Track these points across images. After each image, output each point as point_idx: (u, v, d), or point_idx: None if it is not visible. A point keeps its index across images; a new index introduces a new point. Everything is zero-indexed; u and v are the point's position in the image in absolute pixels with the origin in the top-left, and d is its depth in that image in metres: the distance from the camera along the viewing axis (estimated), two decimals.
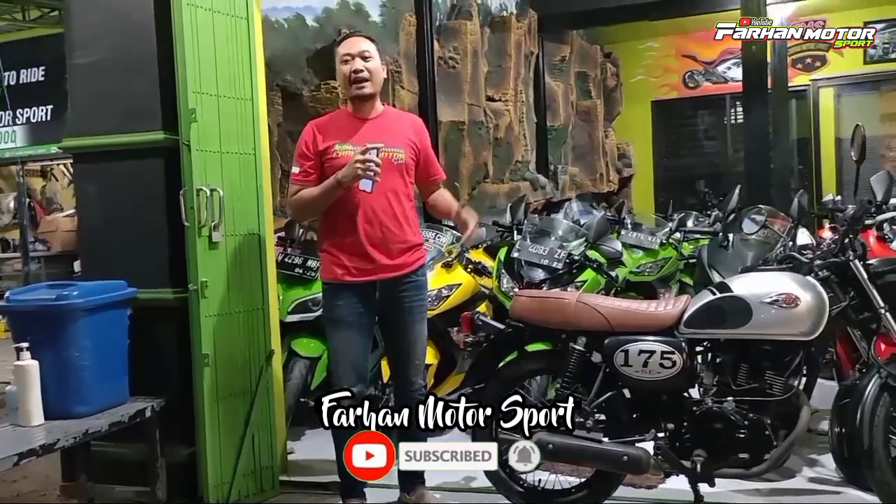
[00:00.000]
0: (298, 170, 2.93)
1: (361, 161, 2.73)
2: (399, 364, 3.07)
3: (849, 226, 2.72)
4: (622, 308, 2.86)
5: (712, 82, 10.86)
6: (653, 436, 2.77)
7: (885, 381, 2.61)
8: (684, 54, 10.97)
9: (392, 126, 2.99)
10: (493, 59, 7.37)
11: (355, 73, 2.88)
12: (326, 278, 2.99)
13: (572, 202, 8.20)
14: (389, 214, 2.91)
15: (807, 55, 10.23)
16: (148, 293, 3.16)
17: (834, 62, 10.15)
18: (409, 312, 3.00)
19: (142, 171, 3.23)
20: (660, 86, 11.13)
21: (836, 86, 10.24)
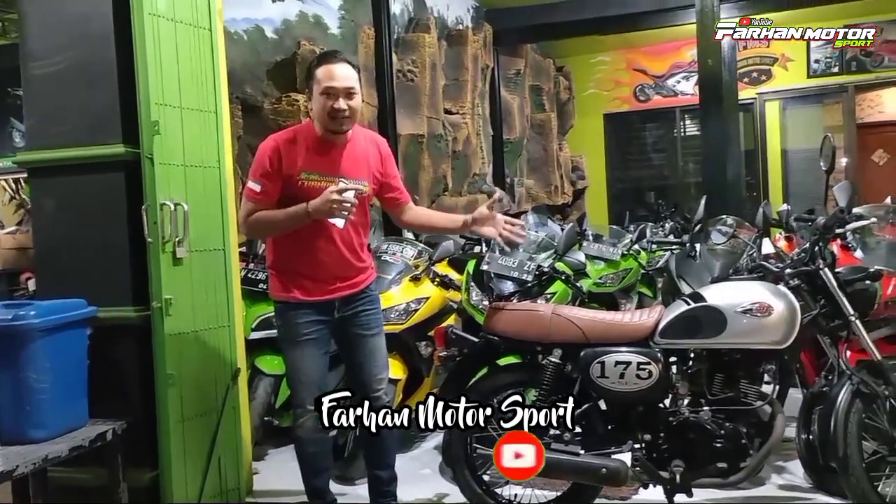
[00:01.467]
0: (259, 188, 2.77)
1: (338, 202, 2.62)
2: (361, 380, 2.98)
3: (820, 235, 2.77)
4: (598, 319, 2.86)
5: (662, 95, 11.06)
6: (630, 447, 2.77)
7: (856, 387, 2.66)
8: (635, 68, 11.16)
9: (360, 155, 2.89)
10: (450, 73, 7.39)
11: (337, 112, 2.73)
12: (279, 297, 2.88)
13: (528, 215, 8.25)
14: (349, 245, 2.86)
15: (753, 69, 10.50)
16: (109, 311, 3.04)
17: (779, 76, 10.44)
18: (366, 327, 2.94)
19: (102, 185, 3.11)
20: (611, 99, 11.30)
21: (781, 99, 10.52)
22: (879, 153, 11.00)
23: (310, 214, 2.69)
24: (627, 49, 10.95)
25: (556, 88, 10.47)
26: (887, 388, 2.62)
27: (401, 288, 3.79)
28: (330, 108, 2.73)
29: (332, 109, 2.73)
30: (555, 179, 9.84)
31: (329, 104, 2.73)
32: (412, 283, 3.84)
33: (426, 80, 6.58)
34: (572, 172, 10.69)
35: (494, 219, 2.83)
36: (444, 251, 3.94)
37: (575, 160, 10.86)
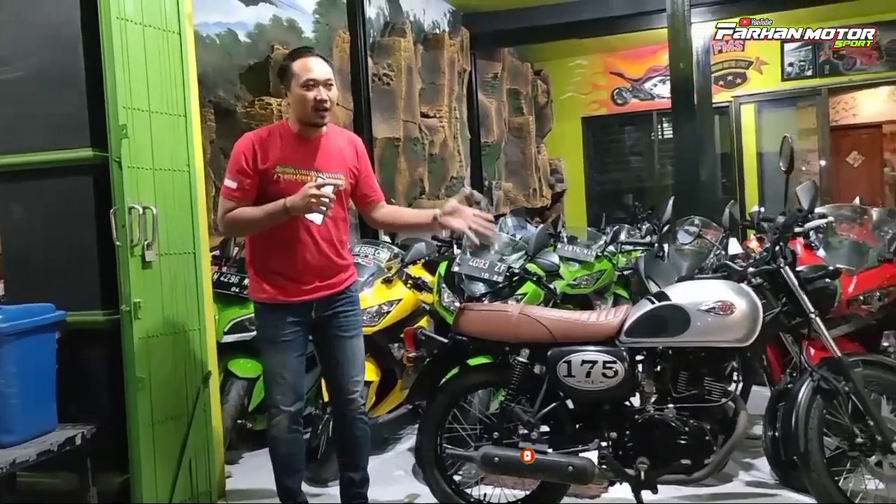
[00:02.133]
0: (236, 185, 2.78)
1: (316, 196, 2.64)
2: (337, 382, 3.00)
3: (779, 234, 2.82)
4: (564, 319, 2.89)
5: (639, 99, 11.14)
6: (596, 445, 2.80)
7: (817, 384, 2.70)
8: (612, 72, 11.23)
9: (334, 149, 2.92)
10: (426, 76, 7.42)
11: (321, 102, 2.77)
12: (259, 297, 2.89)
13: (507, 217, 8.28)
14: (329, 242, 2.87)
15: (728, 72, 10.60)
16: (78, 316, 3.04)
17: (754, 79, 10.54)
18: (345, 328, 2.95)
19: (70, 189, 3.10)
20: (589, 102, 11.36)
21: (756, 102, 10.62)
22: (854, 155, 11.15)
23: (288, 210, 2.70)
24: (605, 53, 11.02)
25: (534, 92, 10.53)
26: (847, 384, 2.67)
27: (373, 290, 3.80)
28: (313, 100, 2.76)
29: (315, 101, 2.76)
30: (533, 182, 9.89)
31: (311, 95, 2.76)
32: (384, 286, 3.85)
33: (402, 83, 6.61)
34: (551, 175, 10.75)
35: (464, 212, 2.85)
36: (416, 253, 3.96)
37: (553, 163, 10.91)
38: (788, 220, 2.80)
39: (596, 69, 11.28)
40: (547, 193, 10.41)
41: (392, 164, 6.48)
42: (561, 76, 11.28)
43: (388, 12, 6.99)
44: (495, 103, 9.13)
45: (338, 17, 5.93)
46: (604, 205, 10.76)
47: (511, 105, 9.82)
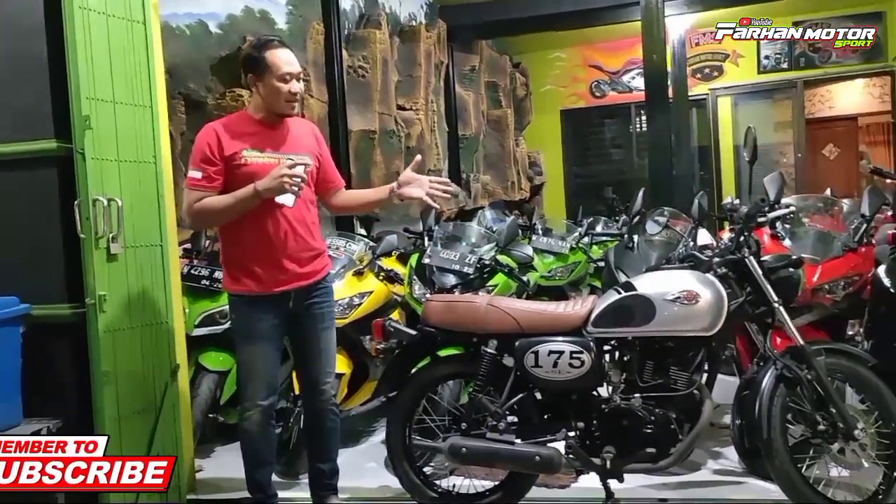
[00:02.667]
0: (201, 175, 2.76)
1: (289, 175, 2.65)
2: (309, 373, 3.01)
3: (743, 224, 2.84)
4: (532, 310, 2.90)
5: (618, 92, 11.16)
6: (564, 435, 2.81)
7: (780, 372, 2.72)
8: (591, 64, 11.24)
9: (297, 134, 2.94)
10: (403, 69, 7.39)
11: (294, 94, 2.81)
12: (235, 290, 2.88)
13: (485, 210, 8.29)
14: (301, 222, 2.86)
15: (705, 65, 10.64)
16: (43, 309, 3.01)
17: (730, 72, 10.59)
18: (320, 320, 2.96)
19: (34, 181, 3.07)
20: (568, 95, 11.37)
21: (733, 95, 10.67)
22: (830, 147, 11.25)
23: (259, 193, 2.70)
24: (583, 45, 11.03)
25: (512, 85, 10.51)
26: (810, 372, 2.69)
27: (344, 282, 3.79)
28: (287, 93, 2.79)
29: (289, 94, 2.80)
30: (512, 175, 9.89)
31: (286, 88, 2.79)
32: (355, 278, 3.84)
33: (377, 76, 6.58)
34: (529, 168, 10.75)
35: (420, 180, 2.86)
36: (387, 245, 3.95)
37: (532, 156, 10.91)
38: (752, 210, 2.82)
39: (575, 62, 11.29)
40: (525, 186, 10.41)
41: (368, 157, 6.45)
42: (540, 69, 11.27)
43: (363, 4, 6.95)
44: (473, 96, 9.12)
45: (311, 8, 5.89)
46: (583, 197, 10.77)
47: (489, 98, 9.80)
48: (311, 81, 5.72)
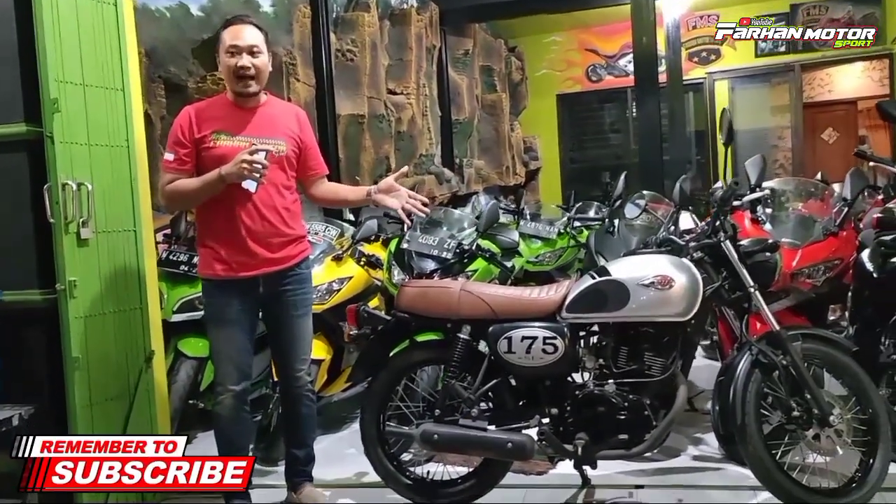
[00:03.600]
0: (173, 157, 2.78)
1: (248, 162, 2.63)
2: (284, 360, 2.99)
3: (718, 208, 2.79)
4: (505, 295, 2.86)
5: (614, 76, 11.09)
6: (538, 421, 2.78)
7: (755, 358, 2.68)
8: (587, 48, 11.16)
9: (274, 117, 2.90)
10: (393, 53, 7.32)
11: (242, 69, 2.76)
12: (205, 274, 2.87)
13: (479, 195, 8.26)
14: (270, 207, 2.82)
15: (702, 49, 10.56)
16: (13, 295, 2.99)
17: (728, 55, 10.50)
18: (293, 307, 2.93)
19: (4, 165, 3.03)
20: (564, 79, 11.30)
21: (730, 78, 10.59)
22: (829, 132, 11.17)
23: (223, 178, 2.68)
24: (579, 29, 10.95)
25: (507, 69, 10.44)
26: (785, 357, 2.65)
27: (323, 268, 3.75)
28: (234, 66, 2.76)
29: (236, 67, 2.76)
30: (506, 160, 9.84)
31: (233, 62, 2.76)
32: (334, 263, 3.81)
33: (366, 59, 6.52)
34: (525, 153, 10.70)
35: (399, 192, 2.85)
36: (366, 230, 3.91)
37: (528, 141, 10.86)
38: (726, 193, 2.77)
39: (570, 46, 11.21)
40: (520, 171, 10.37)
41: (357, 142, 6.41)
42: (535, 53, 11.20)
43: None
44: (467, 80, 9.05)
45: None
46: (579, 182, 10.71)
47: (484, 82, 9.74)
48: (297, 65, 5.67)
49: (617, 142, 11.35)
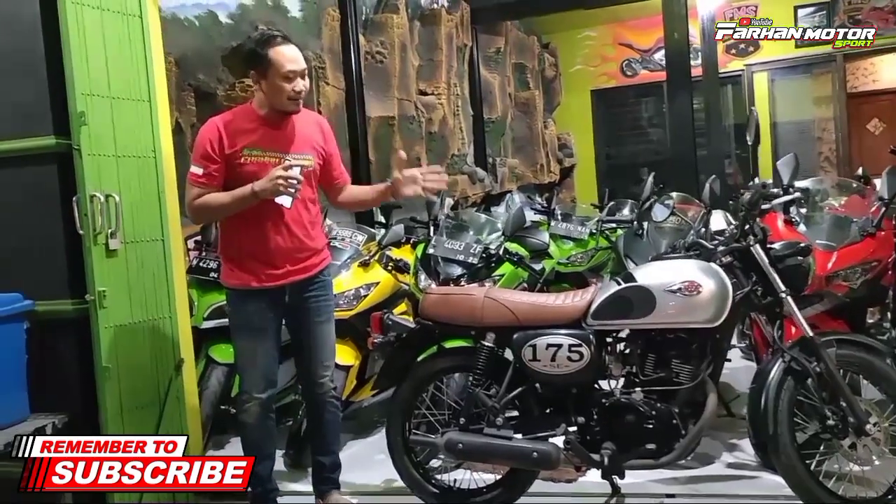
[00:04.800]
0: (202, 171, 2.78)
1: (284, 178, 2.63)
2: (307, 366, 3.00)
3: (746, 211, 2.71)
4: (529, 302, 2.83)
5: (650, 70, 10.92)
6: (564, 430, 2.74)
7: (788, 364, 2.61)
8: (621, 43, 11.02)
9: (301, 131, 2.90)
10: (423, 53, 7.31)
11: (300, 93, 2.78)
12: (232, 284, 2.89)
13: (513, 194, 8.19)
14: (299, 223, 2.85)
15: (740, 41, 10.33)
16: (46, 305, 3.03)
17: (767, 47, 10.26)
18: (316, 313, 2.94)
19: (35, 178, 3.09)
20: (598, 75, 11.16)
21: (769, 70, 10.36)
22: (875, 122, 10.85)
23: (256, 194, 2.69)
24: (613, 23, 10.81)
25: (541, 66, 10.36)
26: (819, 364, 2.57)
27: (350, 273, 3.76)
28: (291, 91, 2.76)
29: (293, 93, 2.77)
30: (540, 158, 9.76)
31: (289, 87, 2.75)
32: (361, 269, 3.80)
33: (396, 61, 6.51)
34: (560, 150, 10.60)
35: (412, 177, 2.86)
36: (393, 235, 3.90)
37: (563, 138, 10.76)
38: (753, 196, 2.69)
39: (604, 41, 11.07)
40: (555, 169, 10.28)
41: (387, 144, 6.40)
42: (569, 49, 11.09)
43: None
44: (499, 78, 8.99)
45: None
46: (615, 179, 10.58)
47: (517, 80, 9.67)
48: (326, 69, 5.68)
49: (654, 137, 11.18)
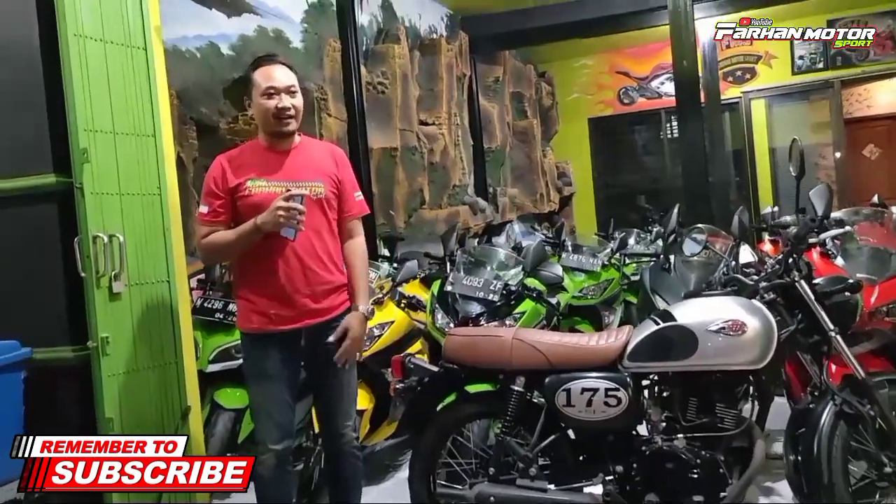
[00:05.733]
0: (207, 209, 2.65)
1: (284, 209, 2.49)
2: (328, 416, 2.82)
3: (793, 246, 2.58)
4: (562, 344, 2.68)
5: (647, 98, 10.90)
6: (601, 480, 2.58)
7: (839, 408, 2.47)
8: (618, 71, 11.00)
9: (310, 158, 2.75)
10: (424, 83, 7.21)
11: (283, 110, 2.63)
12: (246, 328, 2.71)
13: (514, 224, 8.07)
14: (312, 254, 2.67)
15: (737, 68, 10.35)
16: (45, 352, 2.87)
17: (764, 74, 10.28)
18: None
19: (34, 218, 2.94)
20: (595, 103, 11.13)
21: (766, 97, 10.36)
22: (870, 148, 10.85)
23: (259, 228, 2.54)
24: (610, 52, 10.79)
25: (538, 94, 10.30)
26: (872, 407, 2.43)
27: None
28: (274, 109, 2.63)
29: (276, 109, 2.63)
30: (540, 187, 9.66)
31: (272, 104, 2.63)
32: (375, 307, 3.64)
33: (397, 91, 6.41)
34: (558, 179, 10.51)
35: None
36: (407, 272, 3.72)
37: (561, 166, 10.68)
38: (801, 230, 2.56)
39: (601, 69, 11.05)
40: (555, 198, 10.17)
41: (390, 175, 6.28)
42: (566, 77, 11.05)
43: (381, 19, 6.79)
44: (498, 107, 8.91)
45: (327, 25, 5.74)
46: (614, 207, 10.51)
47: (514, 109, 9.60)
48: (328, 100, 5.56)
49: (652, 164, 11.14)
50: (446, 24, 8.06)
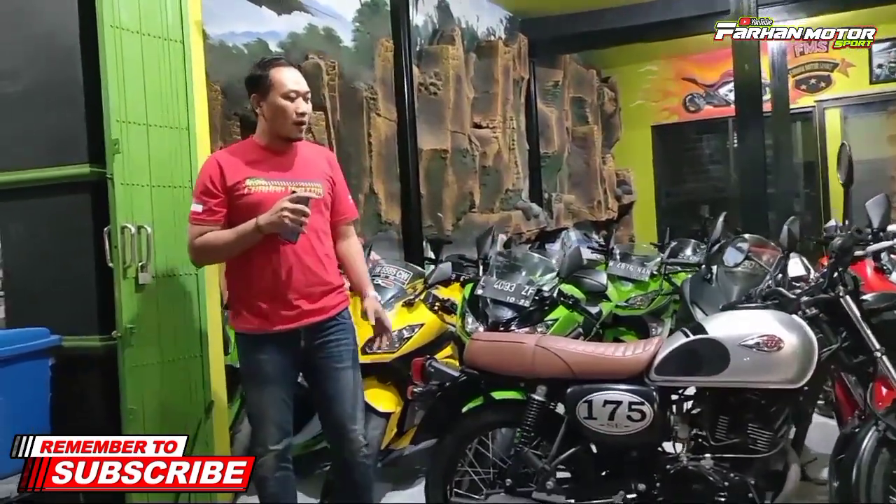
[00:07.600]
0: (202, 208, 2.56)
1: (291, 210, 2.43)
2: (331, 419, 2.71)
3: (837, 258, 2.41)
4: (586, 353, 2.56)
5: (714, 105, 10.57)
6: (622, 497, 2.46)
7: (883, 434, 2.29)
8: (684, 77, 10.70)
9: (308, 159, 2.71)
10: (479, 85, 7.13)
11: (301, 114, 2.60)
12: (242, 328, 2.65)
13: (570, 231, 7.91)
14: (311, 255, 2.62)
15: (811, 76, 9.94)
16: (74, 341, 2.91)
17: (839, 82, 9.86)
18: (337, 359, 2.67)
19: (68, 207, 2.99)
20: (660, 110, 10.85)
21: (842, 106, 9.92)
22: None
23: (260, 229, 2.48)
24: (676, 57, 10.51)
25: (600, 100, 10.10)
26: None
27: (394, 313, 3.51)
28: (294, 113, 2.58)
29: (295, 114, 2.59)
30: (598, 194, 9.45)
31: (293, 107, 2.58)
32: (405, 309, 3.57)
33: (450, 93, 6.35)
34: (618, 187, 10.28)
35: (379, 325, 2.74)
36: (440, 274, 3.64)
37: (621, 174, 10.44)
38: (846, 242, 2.38)
39: (667, 75, 10.77)
40: (613, 206, 9.94)
41: (439, 178, 6.22)
42: (630, 83, 10.81)
43: (437, 19, 6.74)
44: (556, 112, 8.76)
45: (380, 24, 5.72)
46: (676, 217, 10.22)
47: (575, 114, 9.43)
48: (378, 99, 5.54)
49: (717, 174, 10.80)
50: (505, 26, 7.97)
